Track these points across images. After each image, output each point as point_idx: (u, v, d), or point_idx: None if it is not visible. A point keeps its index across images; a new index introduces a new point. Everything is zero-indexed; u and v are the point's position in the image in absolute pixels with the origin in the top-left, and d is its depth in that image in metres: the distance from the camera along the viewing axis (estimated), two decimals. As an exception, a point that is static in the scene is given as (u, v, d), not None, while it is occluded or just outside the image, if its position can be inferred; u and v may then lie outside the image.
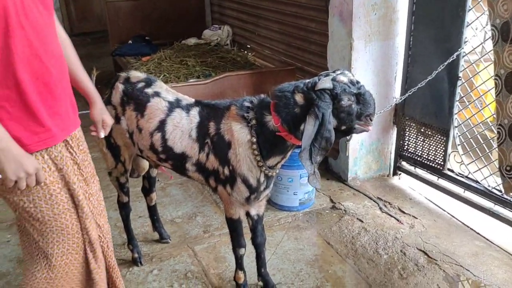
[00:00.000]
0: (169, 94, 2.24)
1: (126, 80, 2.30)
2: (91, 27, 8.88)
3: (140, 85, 2.26)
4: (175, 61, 4.87)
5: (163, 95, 2.22)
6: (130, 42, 5.68)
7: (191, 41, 5.68)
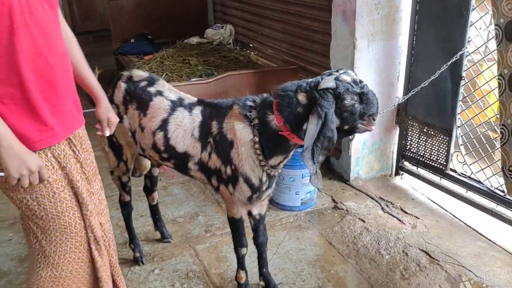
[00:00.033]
0: (172, 93, 2.24)
1: (129, 79, 2.29)
2: (94, 26, 8.89)
3: (143, 84, 2.26)
4: (178, 60, 4.86)
5: (166, 94, 2.21)
6: (133, 41, 5.68)
7: (194, 40, 5.67)
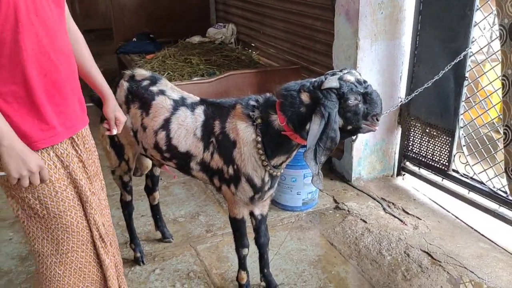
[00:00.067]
0: (174, 93, 2.22)
1: (131, 78, 2.28)
2: (96, 25, 8.87)
3: (145, 83, 2.25)
4: (179, 59, 4.85)
5: (168, 93, 2.20)
6: (134, 40, 5.68)
7: (195, 39, 5.66)
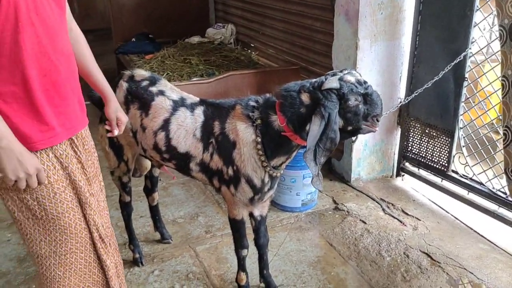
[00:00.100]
0: (174, 93, 2.22)
1: (130, 79, 2.27)
2: (94, 25, 8.85)
3: (145, 84, 2.24)
4: (179, 60, 4.85)
5: (168, 94, 2.20)
6: (134, 40, 5.67)
7: (195, 40, 5.66)
